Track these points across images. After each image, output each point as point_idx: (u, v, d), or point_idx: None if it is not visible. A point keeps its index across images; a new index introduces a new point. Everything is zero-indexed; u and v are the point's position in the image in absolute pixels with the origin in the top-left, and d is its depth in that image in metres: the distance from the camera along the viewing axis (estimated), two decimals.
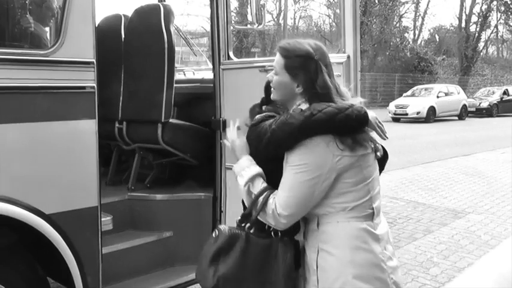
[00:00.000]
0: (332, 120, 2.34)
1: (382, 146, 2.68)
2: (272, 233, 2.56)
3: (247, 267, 2.53)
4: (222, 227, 2.64)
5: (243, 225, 2.59)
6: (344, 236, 2.43)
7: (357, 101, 2.54)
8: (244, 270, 2.53)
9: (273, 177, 2.50)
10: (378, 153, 2.60)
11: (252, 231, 2.56)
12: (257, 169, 2.54)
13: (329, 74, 2.52)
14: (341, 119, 2.35)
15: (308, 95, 2.50)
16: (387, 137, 2.66)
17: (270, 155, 2.49)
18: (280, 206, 2.40)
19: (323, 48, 2.55)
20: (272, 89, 2.64)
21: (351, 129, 2.39)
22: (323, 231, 2.48)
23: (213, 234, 2.65)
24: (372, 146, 2.54)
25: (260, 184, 2.51)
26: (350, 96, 2.59)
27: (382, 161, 2.69)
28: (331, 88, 2.48)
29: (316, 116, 2.34)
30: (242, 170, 2.56)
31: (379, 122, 2.62)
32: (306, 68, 2.49)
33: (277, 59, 2.58)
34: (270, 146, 2.43)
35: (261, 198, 2.46)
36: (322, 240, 2.47)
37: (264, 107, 2.76)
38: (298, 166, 2.38)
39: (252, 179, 2.52)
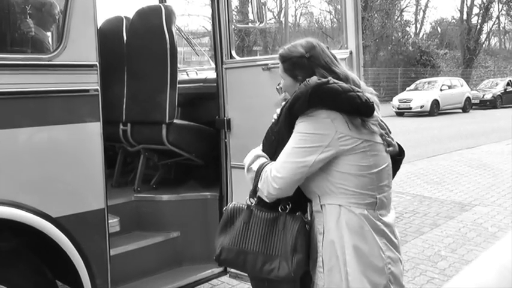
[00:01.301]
0: (344, 93, 2.40)
1: (398, 143, 2.71)
2: (280, 209, 2.62)
3: (248, 239, 2.61)
4: (230, 204, 2.78)
5: (250, 202, 2.67)
6: (345, 220, 2.46)
7: (369, 90, 2.65)
8: (246, 242, 2.61)
9: None
10: (391, 148, 2.62)
11: (254, 204, 2.66)
12: (260, 152, 2.69)
13: (328, 65, 2.60)
14: (352, 96, 2.40)
15: None
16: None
17: (288, 119, 2.55)
18: (275, 169, 2.48)
19: (315, 44, 2.67)
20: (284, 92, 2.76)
21: (357, 109, 2.43)
22: (326, 214, 2.51)
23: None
24: (381, 132, 2.56)
25: (261, 161, 2.62)
26: (364, 86, 2.66)
27: (398, 156, 2.73)
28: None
29: (331, 85, 2.41)
30: (247, 157, 2.71)
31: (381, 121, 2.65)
32: (301, 67, 2.62)
33: (279, 66, 2.74)
34: (287, 106, 2.52)
35: (261, 171, 2.55)
36: (325, 222, 2.52)
37: None
38: (300, 134, 2.46)
39: (253, 161, 2.65)
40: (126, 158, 5.34)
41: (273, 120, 2.72)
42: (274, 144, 2.65)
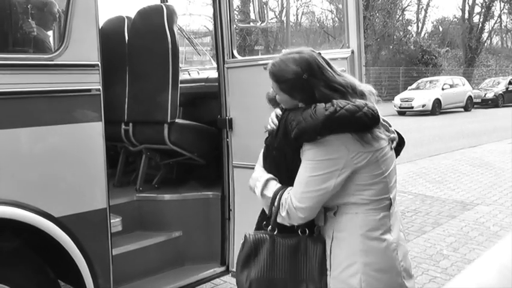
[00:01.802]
0: (352, 116, 2.36)
1: (397, 131, 2.70)
2: (299, 232, 2.59)
3: (276, 267, 2.57)
4: (247, 233, 2.66)
5: (268, 229, 2.61)
6: (359, 225, 2.46)
7: (368, 88, 2.60)
8: (274, 271, 2.57)
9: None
10: (394, 143, 2.62)
11: (276, 232, 2.59)
12: (269, 175, 2.62)
13: (328, 82, 2.49)
14: (359, 117, 2.37)
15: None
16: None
17: (292, 145, 2.51)
18: (296, 199, 2.44)
19: (310, 60, 2.50)
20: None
21: (365, 126, 2.41)
22: (339, 220, 2.51)
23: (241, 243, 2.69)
24: (388, 135, 2.56)
25: (274, 186, 2.57)
26: (368, 90, 2.59)
27: (398, 146, 2.71)
28: (331, 96, 2.46)
29: (339, 113, 2.35)
30: (256, 181, 2.64)
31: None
32: (300, 89, 2.49)
33: (272, 82, 2.60)
34: (293, 136, 2.45)
35: (276, 197, 2.51)
36: (337, 228, 2.51)
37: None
38: (313, 162, 2.42)
39: (265, 184, 2.59)
40: (128, 157, 5.34)
41: (269, 127, 2.69)
42: (276, 160, 2.63)
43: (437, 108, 27.91)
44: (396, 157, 2.69)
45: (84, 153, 3.19)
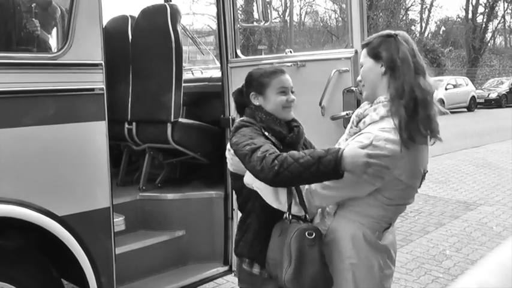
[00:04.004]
0: (300, 177, 2.29)
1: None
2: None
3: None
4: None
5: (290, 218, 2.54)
6: (349, 237, 2.48)
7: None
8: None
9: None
10: None
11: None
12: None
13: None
14: (310, 176, 2.30)
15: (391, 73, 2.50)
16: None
17: None
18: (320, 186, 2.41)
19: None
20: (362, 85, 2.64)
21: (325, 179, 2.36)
22: (333, 227, 2.53)
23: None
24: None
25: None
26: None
27: None
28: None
29: (282, 175, 2.28)
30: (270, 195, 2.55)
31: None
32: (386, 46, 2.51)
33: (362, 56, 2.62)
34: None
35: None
36: (331, 229, 2.53)
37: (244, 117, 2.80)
38: None
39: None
40: (131, 157, 5.35)
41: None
42: None
43: None
44: None
45: (87, 152, 3.20)
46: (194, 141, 4.72)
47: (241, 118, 2.79)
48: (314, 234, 2.43)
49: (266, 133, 2.64)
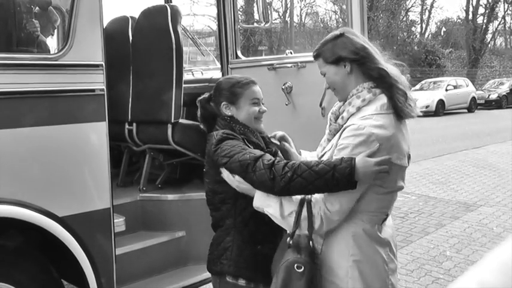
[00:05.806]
0: (313, 184, 2.30)
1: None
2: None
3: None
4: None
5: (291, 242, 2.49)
6: (350, 235, 2.46)
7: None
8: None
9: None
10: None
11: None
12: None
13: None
14: (323, 183, 2.29)
15: (358, 68, 2.54)
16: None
17: None
18: (329, 203, 2.37)
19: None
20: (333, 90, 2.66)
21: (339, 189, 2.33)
22: (333, 228, 2.49)
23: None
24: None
25: (291, 200, 2.46)
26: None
27: None
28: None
29: (295, 181, 2.30)
30: (266, 201, 2.49)
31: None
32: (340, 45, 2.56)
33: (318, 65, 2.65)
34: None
35: (302, 212, 2.41)
36: (330, 229, 2.49)
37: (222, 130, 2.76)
38: None
39: (281, 204, 2.45)
40: (131, 157, 5.35)
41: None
42: None
43: (440, 109, 27.86)
44: None
45: (88, 153, 3.20)
46: (194, 142, 4.71)
47: (222, 130, 2.74)
48: (303, 268, 2.38)
49: (248, 145, 2.63)
